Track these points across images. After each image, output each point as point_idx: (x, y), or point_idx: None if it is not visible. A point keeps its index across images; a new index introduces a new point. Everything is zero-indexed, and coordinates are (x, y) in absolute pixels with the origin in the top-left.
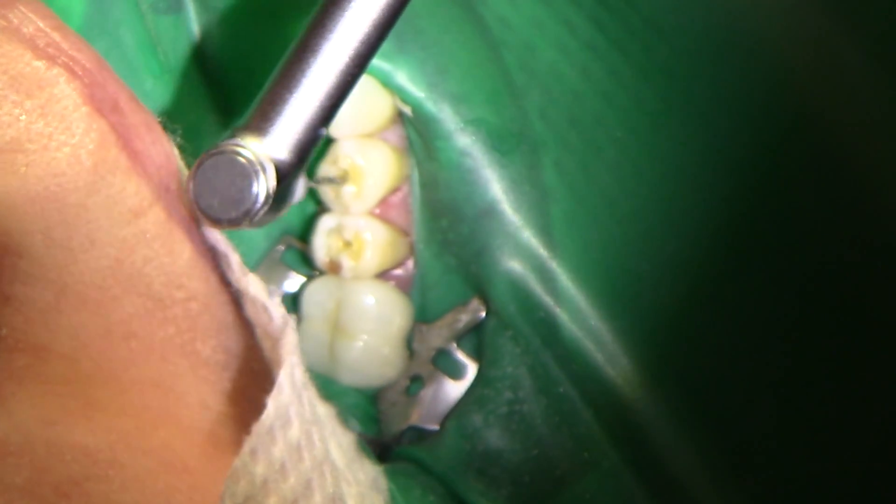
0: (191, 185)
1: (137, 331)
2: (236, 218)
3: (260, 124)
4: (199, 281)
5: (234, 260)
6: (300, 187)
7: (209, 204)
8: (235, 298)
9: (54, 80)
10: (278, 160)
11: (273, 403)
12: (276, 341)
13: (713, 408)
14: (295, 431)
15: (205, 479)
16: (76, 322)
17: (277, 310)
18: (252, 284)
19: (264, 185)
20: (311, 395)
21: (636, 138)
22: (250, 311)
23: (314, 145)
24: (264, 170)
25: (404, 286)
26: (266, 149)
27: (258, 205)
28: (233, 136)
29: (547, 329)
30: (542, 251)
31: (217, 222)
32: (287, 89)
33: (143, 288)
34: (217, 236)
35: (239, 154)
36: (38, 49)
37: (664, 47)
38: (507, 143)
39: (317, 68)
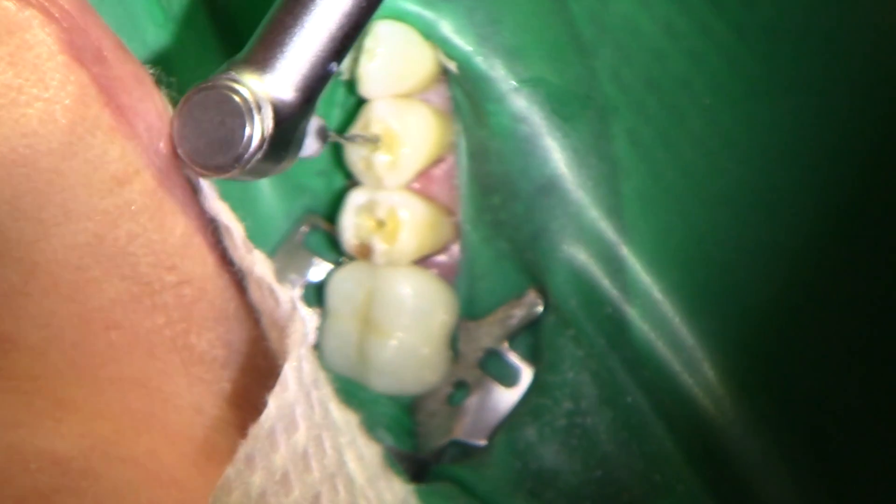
0: (175, 125)
1: (119, 320)
2: (224, 164)
3: (259, 57)
4: (194, 262)
5: (238, 233)
6: (312, 136)
7: (194, 147)
8: (239, 281)
9: (26, 23)
10: (279, 99)
11: (275, 402)
12: (282, 330)
13: (811, 425)
14: (301, 436)
15: (195, 494)
16: (46, 308)
17: (284, 293)
18: (258, 263)
19: (259, 127)
20: (323, 394)
21: (728, 106)
22: (255, 294)
23: (323, 84)
24: (260, 109)
25: (448, 275)
26: (265, 86)
27: (251, 149)
28: (227, 69)
29: (614, 328)
30: (611, 235)
31: (202, 169)
32: (292, 15)
33: (127, 269)
34: (218, 206)
35: (232, 90)
36: None
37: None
38: (570, 107)
39: None
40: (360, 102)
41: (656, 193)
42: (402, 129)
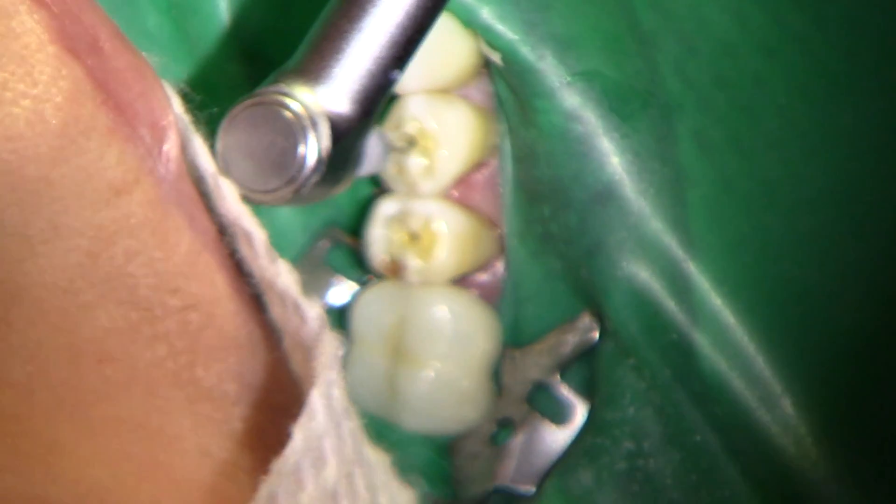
0: (220, 146)
1: (115, 352)
2: (276, 188)
3: (312, 66)
4: (201, 283)
5: (260, 241)
6: (374, 152)
7: (242, 170)
8: (253, 304)
9: (12, 8)
10: (335, 113)
11: (301, 433)
12: (308, 351)
13: None
14: (331, 473)
15: None
16: (32, 339)
17: (312, 309)
18: (281, 275)
19: (315, 147)
20: (354, 426)
21: (807, 106)
22: (277, 311)
23: (384, 95)
24: (315, 125)
25: (490, 296)
26: (319, 99)
27: (306, 171)
28: (276, 81)
29: (681, 357)
30: (676, 250)
31: (251, 194)
32: (347, 18)
33: (124, 293)
34: (239, 208)
35: (282, 105)
36: None
37: None
38: (630, 104)
39: None
40: (391, 98)
41: (727, 202)
42: (439, 128)
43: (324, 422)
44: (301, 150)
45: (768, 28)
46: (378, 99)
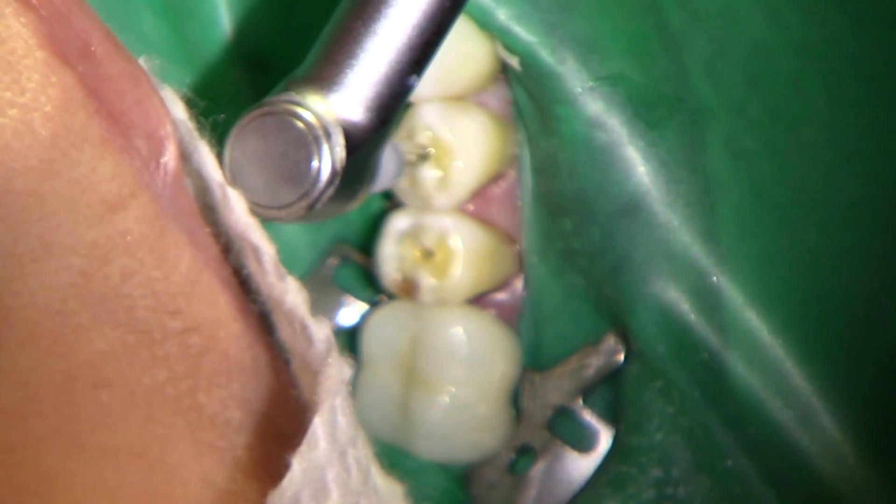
0: (227, 159)
1: (111, 377)
2: (289, 203)
3: (324, 73)
4: (203, 304)
5: (269, 256)
6: (389, 166)
7: (252, 184)
8: (258, 325)
9: None
10: (349, 122)
11: (300, 464)
12: (314, 375)
13: None
14: None
15: None
16: (22, 364)
17: (320, 330)
18: (290, 293)
19: (328, 158)
20: (362, 455)
21: (846, 110)
22: (285, 332)
23: (401, 102)
24: (328, 136)
25: (509, 316)
26: (332, 107)
27: (320, 184)
28: (286, 89)
29: (712, 377)
30: (706, 264)
31: (263, 210)
32: (361, 21)
33: (121, 315)
34: (248, 221)
35: (293, 114)
36: None
37: None
38: (657, 110)
39: None
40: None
41: (760, 213)
42: (454, 138)
43: (326, 451)
44: (315, 162)
45: (804, 27)
46: (395, 106)
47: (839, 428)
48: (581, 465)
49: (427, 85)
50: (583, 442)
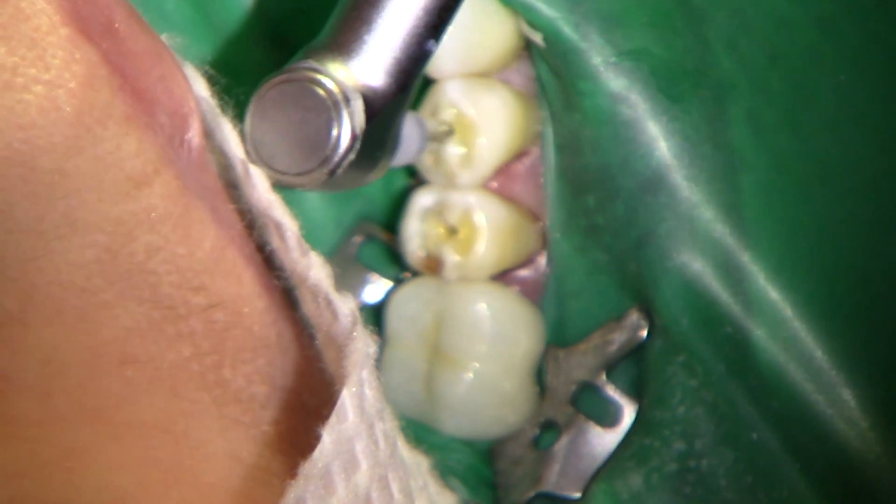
0: (248, 126)
1: (137, 353)
2: (310, 169)
3: (342, 40)
4: (227, 280)
5: (292, 233)
6: (412, 138)
7: (272, 152)
8: (283, 301)
9: None
10: (369, 88)
11: (331, 436)
12: (340, 349)
13: None
14: (363, 477)
15: None
16: (48, 341)
17: (344, 304)
18: (314, 268)
19: (348, 124)
20: (389, 427)
21: (867, 84)
22: (309, 307)
23: (421, 67)
24: (348, 101)
25: (532, 293)
26: (352, 74)
27: (341, 150)
28: (305, 57)
29: (736, 351)
30: (730, 239)
31: (284, 177)
32: None
33: (146, 291)
34: (270, 198)
35: (313, 81)
36: None
37: None
38: (680, 84)
39: None
40: (427, 83)
41: (783, 187)
42: (478, 115)
43: (355, 423)
44: (335, 128)
45: (825, 0)
46: (414, 72)
47: (860, 401)
48: (605, 440)
49: (451, 62)
50: (606, 417)
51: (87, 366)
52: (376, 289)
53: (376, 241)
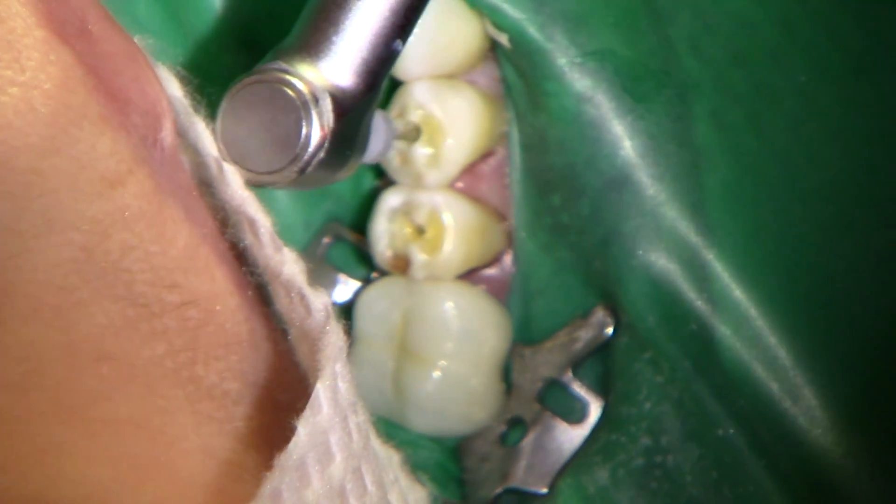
0: (220, 126)
1: (112, 350)
2: (280, 168)
3: (311, 41)
4: (200, 278)
5: (265, 229)
6: (379, 136)
7: (243, 151)
8: (255, 299)
9: None
10: (338, 88)
11: (305, 428)
12: (314, 343)
13: None
14: (337, 468)
15: None
16: (25, 339)
17: (317, 299)
18: (287, 263)
19: (317, 123)
20: (362, 420)
21: (828, 84)
22: (283, 302)
23: (388, 66)
24: (317, 101)
25: (499, 291)
26: (321, 74)
27: (311, 149)
28: (275, 58)
29: (700, 348)
30: (694, 237)
31: (255, 175)
32: None
33: (120, 289)
34: (244, 195)
35: (283, 82)
36: None
37: None
38: (644, 84)
39: None
40: (395, 85)
41: (746, 186)
42: (445, 116)
43: (329, 415)
44: (304, 127)
45: (786, 2)
46: (381, 71)
47: (822, 399)
48: (571, 436)
49: (418, 63)
50: (573, 413)
51: (63, 363)
52: (345, 289)
53: (345, 241)
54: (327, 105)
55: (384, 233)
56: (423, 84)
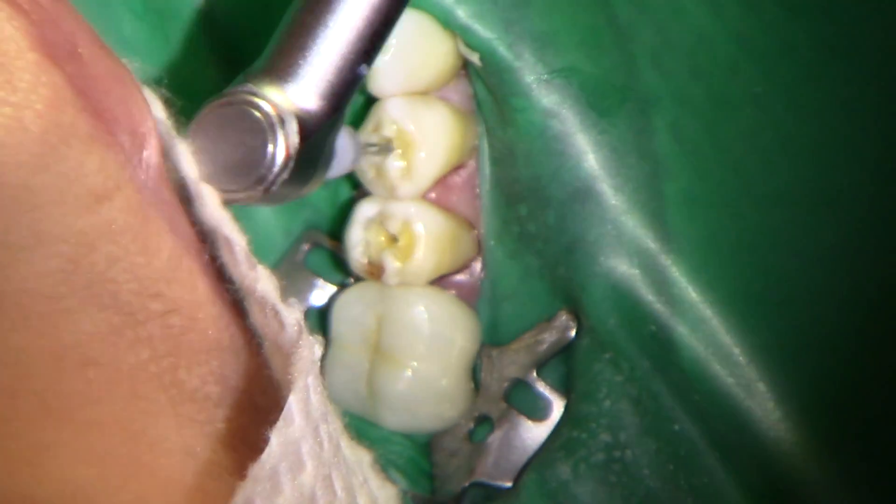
0: (189, 146)
1: (97, 356)
2: (247, 186)
3: (278, 65)
4: (183, 287)
5: (240, 248)
6: (345, 152)
7: (212, 170)
8: (235, 308)
9: None
10: (303, 110)
11: (278, 438)
12: (287, 357)
13: (882, 451)
14: (308, 477)
15: None
16: (14, 344)
17: (290, 314)
18: (261, 280)
19: (283, 144)
20: (333, 429)
21: (782, 95)
22: (257, 317)
23: (352, 90)
24: (283, 123)
25: (468, 296)
26: (287, 97)
27: (276, 168)
28: (244, 81)
29: (659, 348)
30: (654, 244)
31: (223, 193)
32: (312, 14)
33: (106, 298)
34: (220, 214)
35: (251, 104)
36: None
37: None
38: (607, 99)
39: None
40: (370, 101)
41: (703, 194)
42: (418, 130)
43: (301, 426)
44: (271, 147)
45: (742, 16)
46: (346, 95)
47: (774, 393)
48: (535, 433)
49: (393, 81)
50: (537, 411)
51: (51, 368)
52: (322, 293)
53: (322, 248)
54: (293, 127)
55: (359, 241)
56: (398, 100)
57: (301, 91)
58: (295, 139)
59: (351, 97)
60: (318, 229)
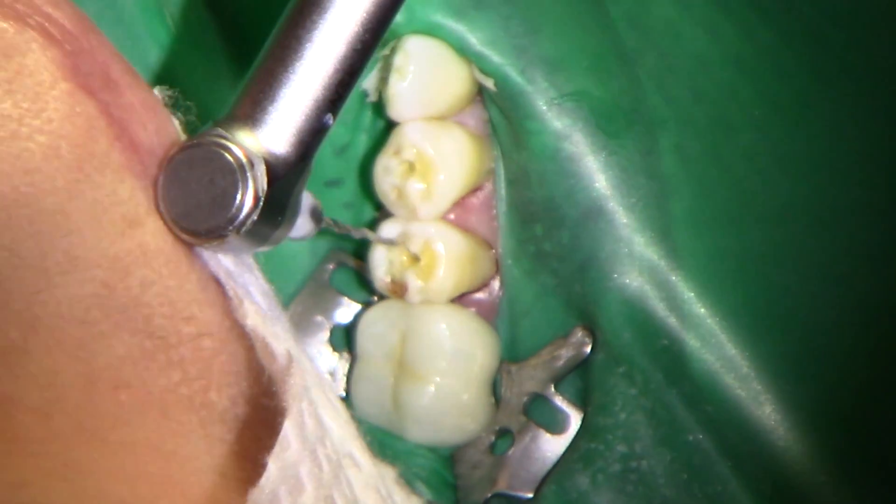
0: (160, 187)
1: (129, 379)
2: (216, 227)
3: (248, 111)
4: (213, 311)
5: (230, 284)
6: (305, 215)
7: (182, 210)
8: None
9: (25, 46)
10: (272, 154)
11: (276, 463)
12: (280, 385)
13: (887, 460)
14: (308, 498)
15: None
16: (48, 367)
17: (279, 344)
18: (249, 315)
19: (252, 186)
20: (330, 451)
21: (779, 117)
22: (259, 349)
23: (319, 139)
24: (252, 166)
25: (488, 313)
26: (257, 141)
27: (245, 210)
28: (215, 126)
29: (671, 361)
30: (663, 260)
31: (192, 235)
32: (281, 64)
33: (139, 322)
34: (207, 254)
35: (221, 146)
36: (4, 5)
37: (807, 5)
38: (616, 122)
39: (319, 37)
40: (390, 126)
41: (708, 213)
42: (437, 154)
43: (298, 450)
44: (240, 189)
45: (738, 41)
46: (313, 142)
47: (781, 404)
48: (554, 445)
49: (412, 106)
50: (555, 424)
51: (84, 390)
52: (347, 311)
53: (347, 267)
54: (261, 169)
55: (383, 260)
56: (417, 125)
57: (270, 136)
58: (263, 182)
59: (318, 146)
60: (343, 250)
